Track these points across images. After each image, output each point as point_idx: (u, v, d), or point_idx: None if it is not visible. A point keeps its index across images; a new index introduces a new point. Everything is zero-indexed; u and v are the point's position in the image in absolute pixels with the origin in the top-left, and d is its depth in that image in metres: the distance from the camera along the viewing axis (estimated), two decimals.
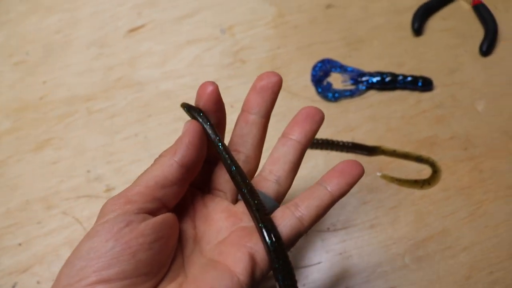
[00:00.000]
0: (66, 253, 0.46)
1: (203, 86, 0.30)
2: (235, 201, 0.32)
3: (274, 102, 0.32)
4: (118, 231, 0.25)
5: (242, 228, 0.30)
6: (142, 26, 0.63)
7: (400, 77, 0.55)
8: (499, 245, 0.45)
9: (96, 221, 0.26)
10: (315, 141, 0.50)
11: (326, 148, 0.51)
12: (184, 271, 0.28)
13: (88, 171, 0.51)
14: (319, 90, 0.55)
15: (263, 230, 0.28)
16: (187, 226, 0.30)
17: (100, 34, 0.62)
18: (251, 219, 0.30)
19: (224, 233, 0.30)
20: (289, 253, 0.28)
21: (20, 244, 0.47)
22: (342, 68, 0.56)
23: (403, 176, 0.49)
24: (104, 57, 0.60)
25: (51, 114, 0.55)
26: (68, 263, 0.25)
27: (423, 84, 0.54)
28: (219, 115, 0.31)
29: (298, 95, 0.55)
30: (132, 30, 0.62)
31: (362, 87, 0.55)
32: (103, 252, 0.24)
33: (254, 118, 0.32)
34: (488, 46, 0.58)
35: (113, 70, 0.59)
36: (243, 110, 0.32)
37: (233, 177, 0.30)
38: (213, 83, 0.30)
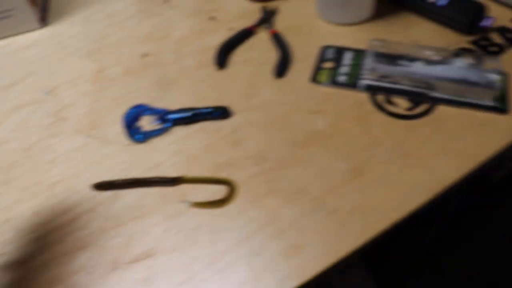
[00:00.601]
0: None
1: None
2: None
3: None
4: None
5: None
6: None
7: (201, 110, 0.61)
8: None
9: None
10: (122, 182, 0.55)
11: (134, 186, 0.56)
12: None
13: None
14: (130, 134, 0.60)
15: None
16: None
17: None
18: None
19: None
20: None
21: None
22: (151, 111, 0.62)
23: (204, 199, 0.55)
24: None
25: None
26: None
27: (222, 113, 0.61)
28: None
29: (112, 142, 0.60)
30: None
31: (168, 124, 0.61)
32: None
33: None
34: (281, 69, 0.66)
35: None
36: None
37: None
38: None
